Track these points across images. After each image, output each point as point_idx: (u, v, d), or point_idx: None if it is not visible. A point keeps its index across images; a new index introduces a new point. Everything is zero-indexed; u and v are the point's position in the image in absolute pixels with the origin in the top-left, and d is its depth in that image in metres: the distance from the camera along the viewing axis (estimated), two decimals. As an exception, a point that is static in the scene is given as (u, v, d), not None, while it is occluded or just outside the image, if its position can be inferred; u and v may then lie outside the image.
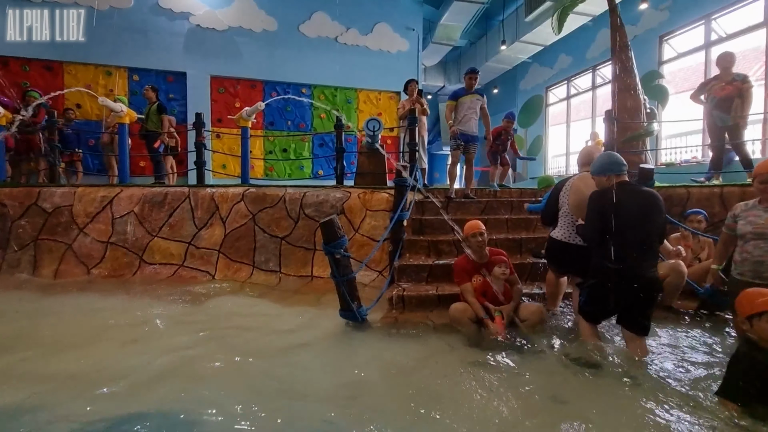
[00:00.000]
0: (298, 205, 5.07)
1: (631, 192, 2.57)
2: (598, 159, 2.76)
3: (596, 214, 2.61)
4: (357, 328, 3.26)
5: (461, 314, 3.06)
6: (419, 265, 4.13)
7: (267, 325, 3.33)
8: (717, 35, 7.90)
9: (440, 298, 3.67)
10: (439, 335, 3.05)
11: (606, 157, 2.75)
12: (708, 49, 8.00)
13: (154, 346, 2.83)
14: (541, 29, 10.49)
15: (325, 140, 10.42)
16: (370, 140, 5.94)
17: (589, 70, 11.18)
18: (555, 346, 2.86)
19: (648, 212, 2.51)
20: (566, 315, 3.45)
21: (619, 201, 2.51)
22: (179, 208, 5.23)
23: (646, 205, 2.52)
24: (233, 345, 2.85)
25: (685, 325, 3.31)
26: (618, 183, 2.60)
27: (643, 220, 2.49)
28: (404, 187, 4.44)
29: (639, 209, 2.50)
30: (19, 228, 5.12)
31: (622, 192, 2.54)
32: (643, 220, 2.49)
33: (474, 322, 3.04)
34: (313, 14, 10.13)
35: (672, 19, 8.64)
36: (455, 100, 5.51)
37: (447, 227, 4.93)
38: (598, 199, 2.64)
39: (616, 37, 5.90)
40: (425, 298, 3.69)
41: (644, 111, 5.86)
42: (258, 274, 4.93)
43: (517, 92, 14.29)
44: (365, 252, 4.86)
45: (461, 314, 3.06)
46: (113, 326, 3.30)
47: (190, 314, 3.62)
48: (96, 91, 8.36)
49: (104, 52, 8.80)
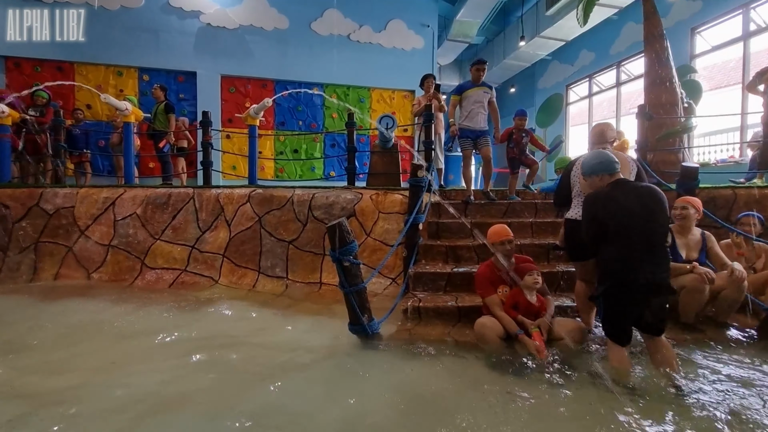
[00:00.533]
0: (306, 207, 4.76)
1: (628, 190, 2.35)
2: (587, 159, 2.53)
3: (591, 222, 2.40)
4: (368, 344, 2.92)
5: (489, 331, 2.67)
6: (436, 272, 3.78)
7: (269, 340, 3.02)
8: (756, 25, 7.35)
9: (461, 310, 3.31)
10: (461, 355, 2.68)
11: (595, 156, 2.50)
12: (746, 40, 7.44)
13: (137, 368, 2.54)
14: (563, 23, 10.03)
15: (336, 140, 10.14)
16: (384, 137, 5.57)
17: (613, 66, 10.66)
18: (597, 370, 2.46)
19: (651, 210, 2.27)
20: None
21: (617, 201, 2.30)
22: (183, 209, 4.99)
23: (648, 202, 2.29)
24: (229, 366, 2.55)
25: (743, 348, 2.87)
26: (613, 182, 2.38)
27: (647, 219, 2.26)
28: (420, 188, 4.08)
29: (641, 208, 2.27)
30: (20, 230, 4.95)
31: (619, 191, 2.33)
32: (646, 220, 2.26)
33: (503, 340, 2.66)
34: (325, 11, 9.88)
35: (705, 9, 8.10)
36: (459, 95, 4.99)
37: (466, 230, 4.58)
38: (591, 204, 2.42)
39: (649, 27, 5.45)
40: (444, 310, 3.33)
41: (681, 105, 5.39)
42: (263, 280, 4.64)
43: (536, 91, 13.81)
44: (377, 258, 4.53)
45: (489, 331, 2.67)
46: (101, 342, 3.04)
47: (187, 326, 3.33)
48: (106, 91, 8.25)
49: (115, 52, 8.70)
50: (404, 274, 4.03)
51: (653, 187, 2.40)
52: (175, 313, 3.74)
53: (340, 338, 2.99)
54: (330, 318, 3.55)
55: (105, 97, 5.26)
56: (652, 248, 2.27)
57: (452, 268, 3.84)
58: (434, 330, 3.16)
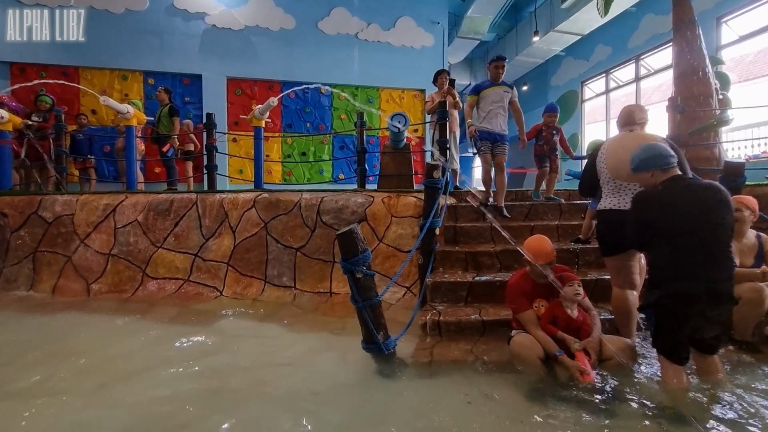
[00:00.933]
0: (315, 211, 4.48)
1: (686, 188, 2.06)
2: (637, 152, 2.20)
3: (642, 226, 2.13)
4: (383, 365, 2.61)
5: (528, 351, 2.32)
6: (456, 282, 3.46)
7: (272, 361, 2.73)
8: (789, 12, 6.91)
9: (485, 324, 2.99)
10: (490, 379, 2.34)
11: (645, 149, 2.17)
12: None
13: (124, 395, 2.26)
14: (579, 16, 9.64)
15: (345, 142, 9.88)
16: (396, 132, 5.19)
17: (632, 60, 10.23)
18: (652, 397, 2.11)
19: (712, 210, 1.98)
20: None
21: (672, 202, 2.02)
22: (186, 216, 4.75)
23: (709, 201, 1.99)
24: (225, 392, 2.26)
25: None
26: (668, 179, 2.08)
27: (707, 220, 1.97)
28: (436, 190, 3.76)
29: (700, 208, 1.98)
30: (18, 239, 4.76)
31: (675, 190, 2.05)
32: (706, 221, 1.97)
33: (542, 361, 2.32)
34: (332, 10, 9.65)
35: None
36: (477, 95, 4.57)
37: (486, 235, 4.26)
38: (642, 204, 2.13)
39: (679, 13, 5.07)
40: (466, 324, 3.01)
41: (716, 97, 4.99)
42: (270, 289, 4.36)
43: (549, 88, 13.40)
44: (390, 265, 4.23)
45: (528, 351, 2.32)
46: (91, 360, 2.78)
47: (185, 345, 3.06)
48: (111, 96, 8.11)
49: (120, 56, 8.58)
50: (420, 283, 3.72)
51: (714, 184, 2.08)
52: (173, 327, 3.48)
53: (352, 358, 2.69)
54: (341, 333, 3.26)
55: (104, 99, 5.05)
56: (712, 253, 1.97)
57: (473, 277, 3.52)
58: (457, 346, 2.84)
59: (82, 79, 8.49)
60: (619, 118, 2.73)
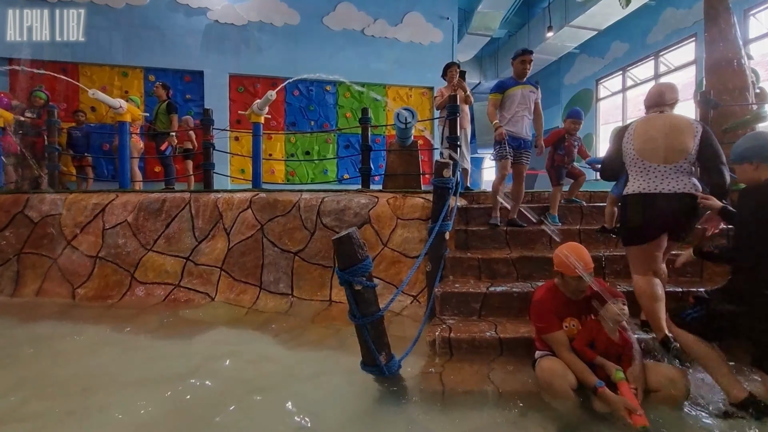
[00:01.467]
0: (314, 213, 4.16)
1: None
2: (740, 140, 1.94)
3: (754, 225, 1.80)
4: (386, 390, 2.27)
5: (560, 380, 1.94)
6: (468, 292, 3.10)
7: (262, 382, 2.40)
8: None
9: (503, 343, 2.63)
10: (510, 414, 1.98)
11: (753, 137, 1.92)
12: (814, 19, 6.54)
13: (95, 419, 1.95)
14: (596, 10, 9.21)
15: (350, 141, 9.55)
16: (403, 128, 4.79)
17: (651, 57, 9.78)
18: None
19: None
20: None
21: None
22: (178, 216, 4.45)
23: None
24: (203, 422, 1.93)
25: None
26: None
27: None
28: (446, 190, 3.41)
29: None
30: (3, 240, 4.50)
31: None
32: None
33: (576, 392, 1.94)
34: (338, 5, 9.34)
35: (762, -12, 7.22)
36: (501, 93, 3.99)
37: (500, 239, 3.90)
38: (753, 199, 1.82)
39: (711, 0, 4.67)
40: (481, 342, 2.65)
41: (753, 91, 4.58)
42: (265, 297, 4.04)
43: (562, 87, 12.98)
44: (396, 271, 3.89)
45: (560, 380, 1.94)
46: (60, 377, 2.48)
47: (166, 361, 2.74)
48: (111, 93, 7.87)
49: (120, 53, 8.35)
50: (428, 292, 3.37)
51: None
52: (157, 338, 3.18)
53: (352, 381, 2.35)
54: (339, 349, 2.92)
55: (93, 93, 4.76)
56: None
57: (487, 287, 3.16)
58: (470, 369, 2.48)
59: (81, 75, 8.28)
60: (647, 98, 2.56)
